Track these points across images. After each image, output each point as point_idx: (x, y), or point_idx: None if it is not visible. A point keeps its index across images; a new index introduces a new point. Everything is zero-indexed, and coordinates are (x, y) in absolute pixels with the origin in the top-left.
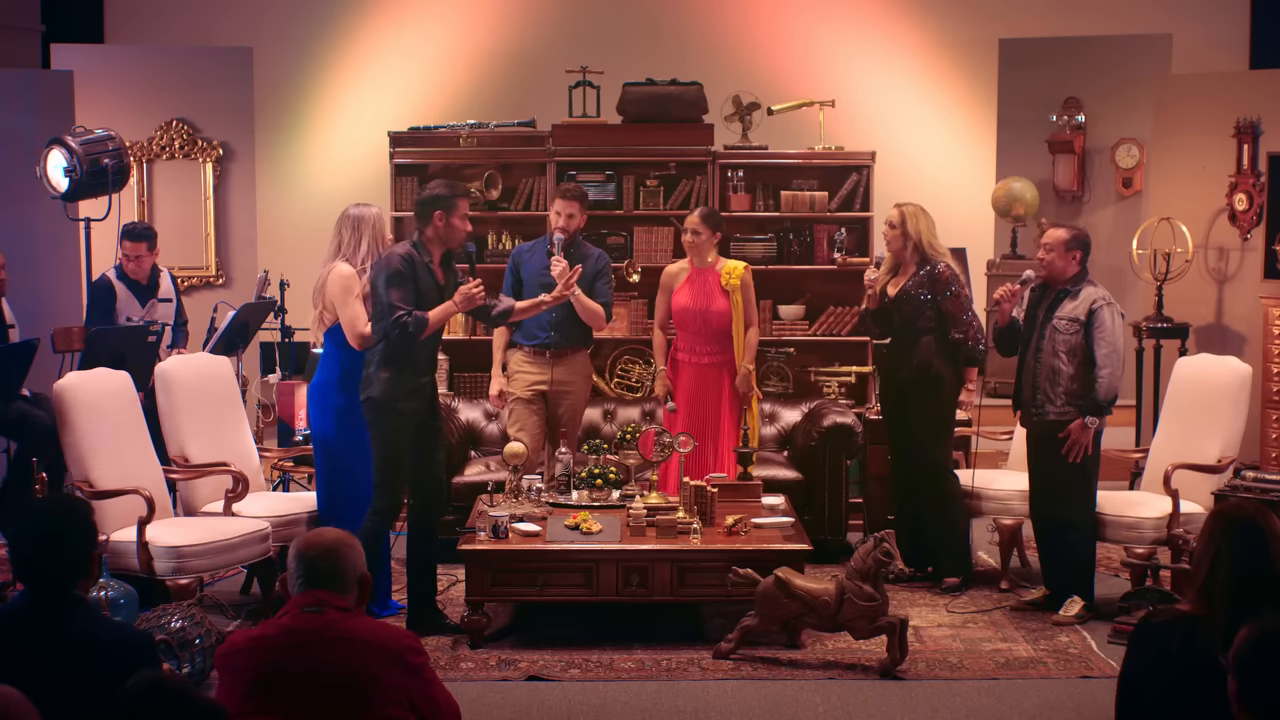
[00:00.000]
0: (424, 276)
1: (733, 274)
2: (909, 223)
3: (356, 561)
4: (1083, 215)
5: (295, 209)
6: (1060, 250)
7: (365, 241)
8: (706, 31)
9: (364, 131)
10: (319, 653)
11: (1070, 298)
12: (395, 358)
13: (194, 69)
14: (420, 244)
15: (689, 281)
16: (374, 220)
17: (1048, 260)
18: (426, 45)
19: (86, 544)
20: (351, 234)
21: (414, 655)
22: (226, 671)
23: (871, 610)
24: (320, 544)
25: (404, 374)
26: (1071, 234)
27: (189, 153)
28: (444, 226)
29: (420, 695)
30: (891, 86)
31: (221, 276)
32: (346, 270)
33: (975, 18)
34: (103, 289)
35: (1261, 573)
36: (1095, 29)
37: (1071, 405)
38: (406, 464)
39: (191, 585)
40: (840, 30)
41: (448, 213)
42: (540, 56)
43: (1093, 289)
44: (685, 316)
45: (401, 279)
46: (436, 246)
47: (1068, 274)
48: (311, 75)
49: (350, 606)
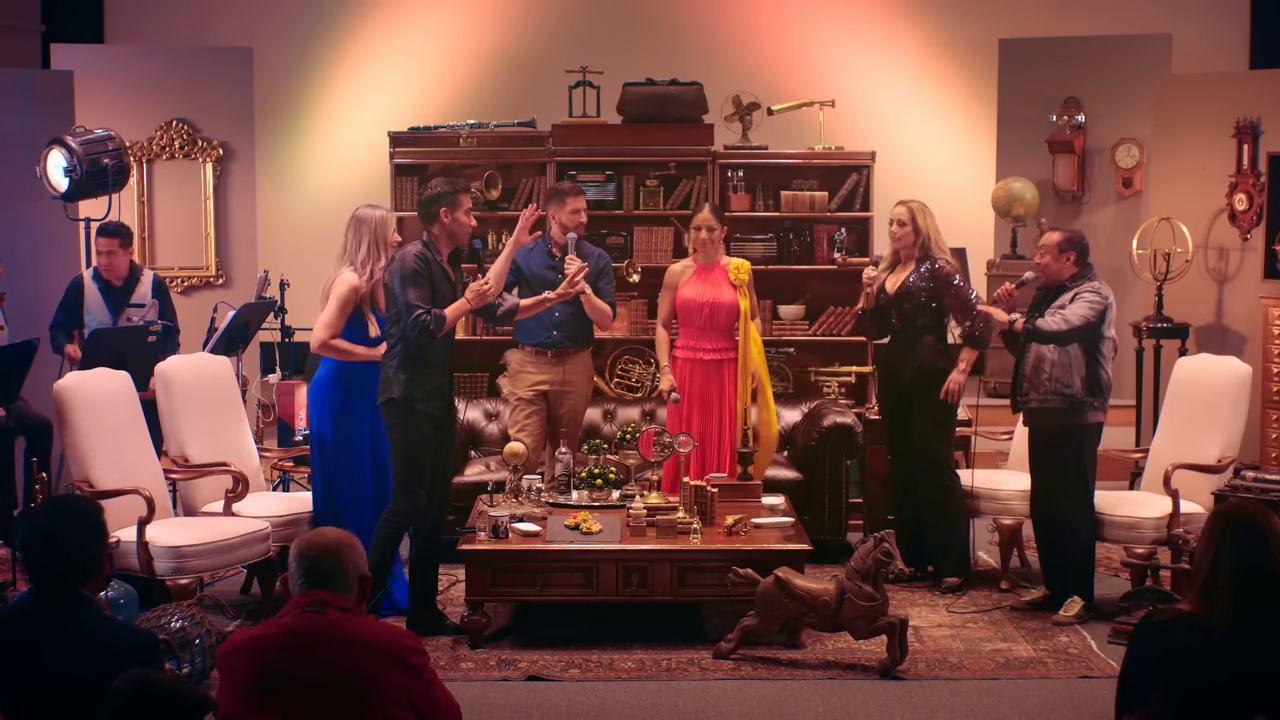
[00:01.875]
0: (438, 275)
1: (740, 269)
2: (919, 219)
3: (357, 561)
4: (1083, 215)
5: (295, 209)
6: (1054, 253)
7: (365, 244)
8: (706, 31)
9: (364, 131)
10: (320, 653)
11: (1067, 291)
12: (413, 358)
13: (194, 69)
14: (430, 243)
15: (695, 276)
16: (375, 222)
17: (1043, 263)
18: (426, 45)
19: (93, 545)
20: (354, 236)
21: (415, 656)
22: (227, 671)
23: (871, 610)
24: (321, 544)
25: (422, 374)
26: (1065, 236)
27: (189, 153)
28: (450, 222)
29: (421, 696)
30: (891, 86)
31: (221, 276)
32: (351, 279)
33: (975, 18)
34: (73, 288)
35: (1262, 572)
36: (1095, 29)
37: (1054, 394)
38: (428, 465)
39: (191, 585)
40: (840, 30)
41: (451, 208)
42: (540, 56)
43: (1091, 283)
44: (692, 309)
45: (418, 278)
46: (445, 244)
47: (1063, 275)
48: (311, 75)
49: (351, 606)
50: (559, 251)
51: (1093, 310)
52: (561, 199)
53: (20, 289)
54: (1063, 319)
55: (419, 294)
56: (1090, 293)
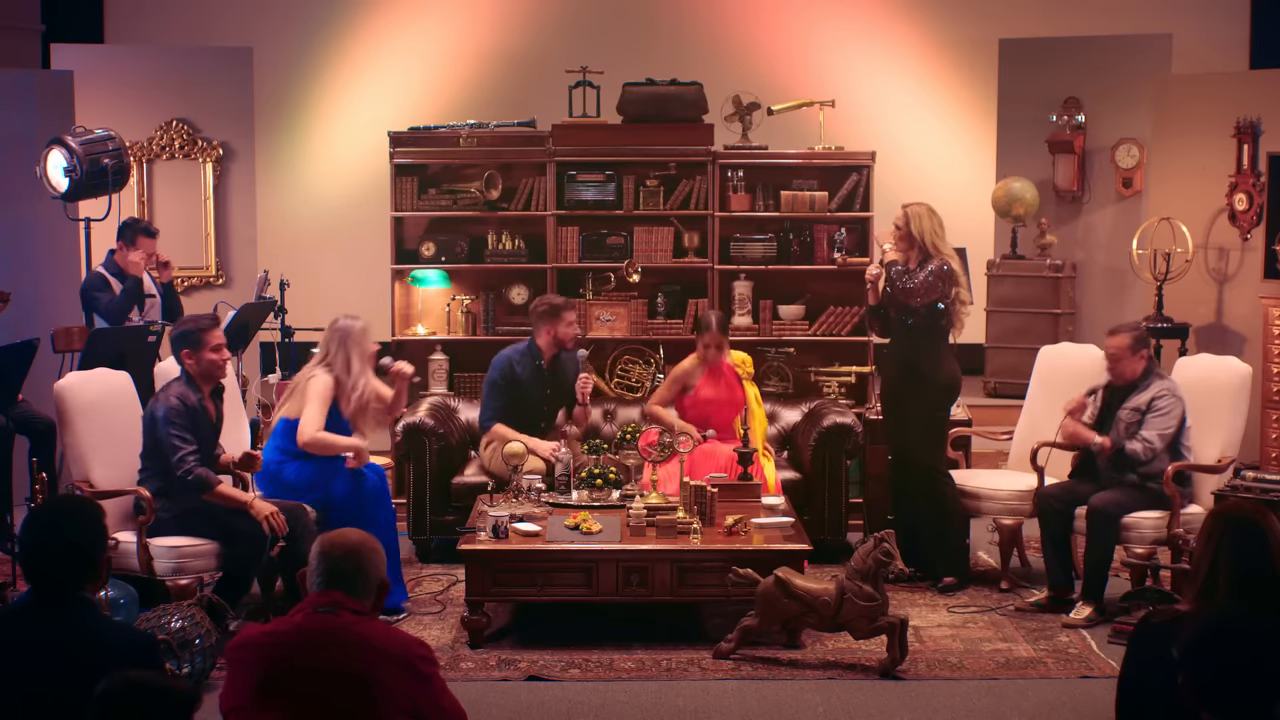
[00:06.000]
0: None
1: (745, 363)
2: (913, 223)
3: (378, 566)
4: (1083, 215)
5: (295, 209)
6: (1126, 355)
7: (344, 355)
8: (706, 31)
9: (364, 131)
10: (329, 653)
11: (1138, 391)
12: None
13: (194, 69)
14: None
15: (708, 377)
16: (357, 334)
17: (1116, 370)
18: (426, 45)
19: (94, 547)
20: (337, 346)
21: (425, 664)
22: (236, 664)
23: (871, 610)
24: (344, 544)
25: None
26: (1134, 336)
27: (189, 153)
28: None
29: (428, 704)
30: (891, 86)
31: (221, 276)
32: (327, 378)
33: (975, 18)
34: (97, 278)
35: (1261, 572)
36: (1095, 29)
37: (1146, 480)
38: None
39: (191, 585)
40: (840, 30)
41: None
42: (540, 56)
43: (1161, 381)
44: (711, 408)
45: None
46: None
47: (1135, 374)
48: (311, 75)
49: (365, 610)
50: (548, 364)
51: (1175, 421)
52: (556, 314)
53: (20, 289)
54: (1148, 447)
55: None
56: (1166, 397)
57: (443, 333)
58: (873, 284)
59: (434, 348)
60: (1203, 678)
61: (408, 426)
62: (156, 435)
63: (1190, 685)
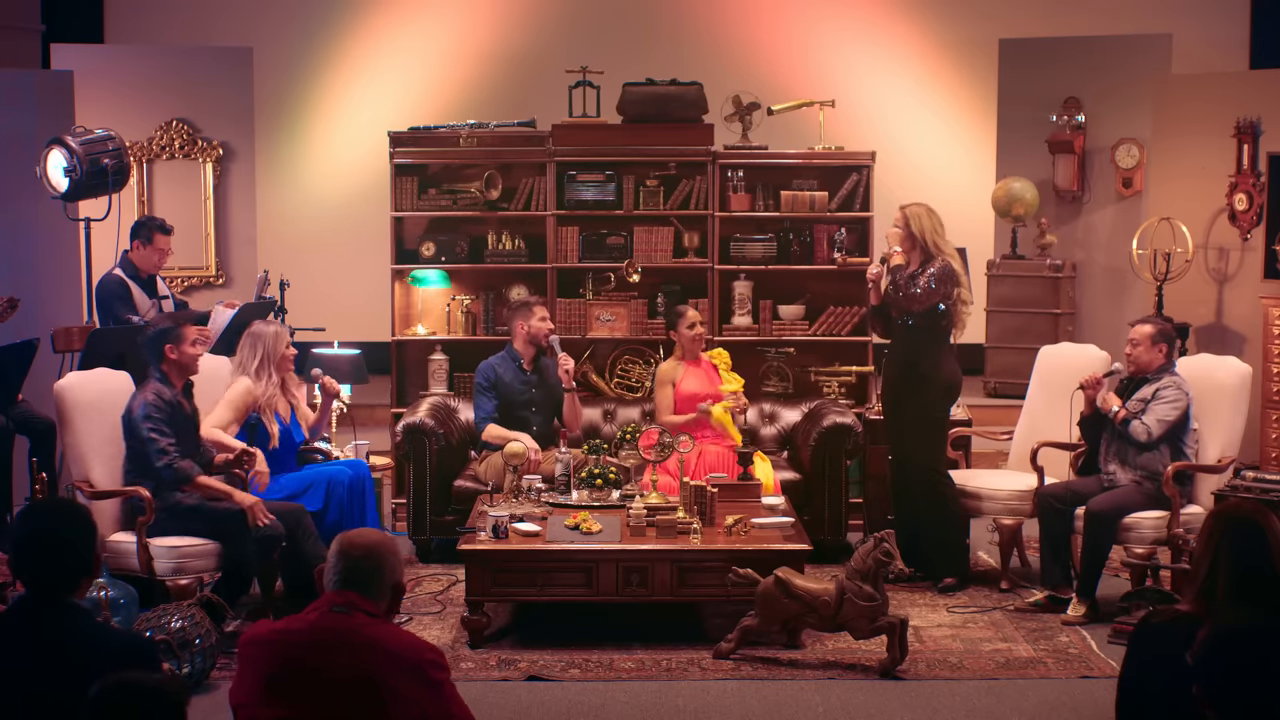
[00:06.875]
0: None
1: (723, 356)
2: (913, 224)
3: (395, 568)
4: (1083, 215)
5: (295, 209)
6: (1147, 344)
7: (259, 357)
8: (706, 31)
9: (364, 131)
10: (340, 654)
11: (1149, 383)
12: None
13: (194, 69)
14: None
15: (689, 373)
16: (270, 338)
17: (1134, 355)
18: (426, 45)
19: (86, 548)
20: (250, 350)
21: (436, 670)
22: (246, 661)
23: (871, 610)
24: (363, 544)
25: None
26: (1158, 329)
27: (189, 153)
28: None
29: (439, 712)
30: (891, 86)
31: (221, 276)
32: (246, 383)
33: (975, 18)
34: (118, 284)
35: (1261, 572)
36: (1095, 29)
37: (1146, 477)
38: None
39: (191, 585)
40: (840, 30)
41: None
42: (540, 56)
43: (1172, 377)
44: (695, 402)
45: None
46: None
47: (1154, 366)
48: (311, 75)
49: (379, 613)
50: (529, 365)
51: (1176, 411)
52: (529, 309)
53: (20, 289)
54: (1148, 431)
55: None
56: (1171, 389)
57: (443, 333)
58: (874, 284)
59: (434, 348)
60: (1213, 683)
61: (408, 426)
62: (137, 435)
63: (1204, 693)
